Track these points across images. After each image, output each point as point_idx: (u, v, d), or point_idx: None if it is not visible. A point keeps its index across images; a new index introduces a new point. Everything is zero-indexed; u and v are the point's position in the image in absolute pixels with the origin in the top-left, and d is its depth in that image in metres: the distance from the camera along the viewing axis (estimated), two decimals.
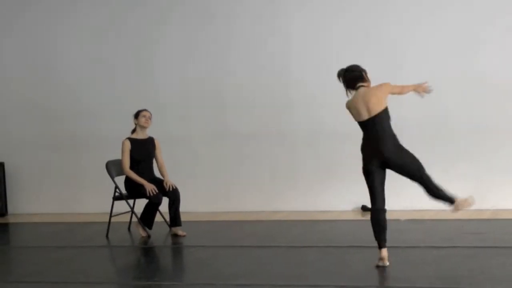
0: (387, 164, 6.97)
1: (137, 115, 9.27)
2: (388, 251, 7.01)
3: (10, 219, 11.31)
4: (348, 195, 10.40)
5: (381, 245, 6.95)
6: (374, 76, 10.25)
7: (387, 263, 6.93)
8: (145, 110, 9.30)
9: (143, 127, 9.25)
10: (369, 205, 10.25)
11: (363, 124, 7.07)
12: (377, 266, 6.94)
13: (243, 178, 10.90)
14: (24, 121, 11.64)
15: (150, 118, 9.28)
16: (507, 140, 9.88)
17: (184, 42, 11.02)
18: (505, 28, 9.90)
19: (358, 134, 8.73)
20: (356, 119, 7.11)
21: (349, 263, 7.29)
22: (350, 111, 7.15)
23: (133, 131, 9.31)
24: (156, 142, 9.38)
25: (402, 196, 10.03)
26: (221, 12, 10.91)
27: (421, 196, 10.25)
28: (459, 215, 9.53)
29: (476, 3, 10.01)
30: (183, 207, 9.21)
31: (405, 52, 10.23)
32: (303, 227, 9.47)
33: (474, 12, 10.01)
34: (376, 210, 7.02)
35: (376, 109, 6.97)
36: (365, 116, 7.00)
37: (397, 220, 9.29)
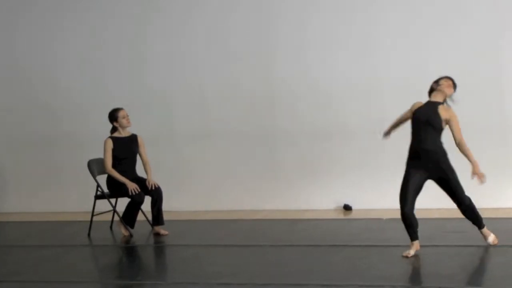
0: None
1: (115, 118, 9.20)
2: (370, 250, 7.04)
3: None
4: (330, 194, 10.44)
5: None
6: (356, 76, 10.38)
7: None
8: (121, 109, 9.23)
9: (126, 127, 9.23)
10: (350, 204, 10.37)
11: None
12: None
13: (225, 177, 10.91)
14: (7, 120, 11.59)
15: (128, 115, 9.25)
16: (491, 140, 9.93)
17: (168, 41, 11.01)
18: (485, 24, 9.95)
19: (339, 134, 8.77)
20: None
21: (330, 262, 7.31)
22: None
23: (114, 129, 9.26)
24: (139, 139, 9.34)
25: (385, 195, 10.09)
26: (205, 13, 10.90)
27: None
28: (441, 214, 9.61)
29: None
30: (165, 206, 9.20)
31: (389, 52, 10.25)
32: (285, 226, 9.48)
33: (455, 12, 10.07)
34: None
35: None
36: None
37: (379, 219, 9.32)
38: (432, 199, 10.08)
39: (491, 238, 7.59)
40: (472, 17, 9.99)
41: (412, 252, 7.32)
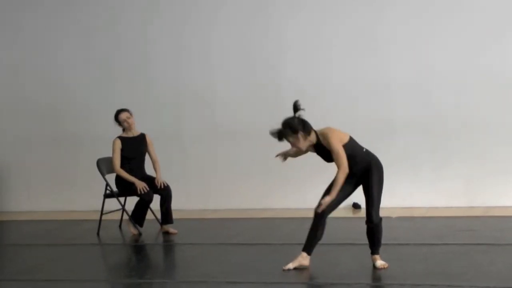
0: None
1: (117, 120, 9.22)
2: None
3: (1, 217, 11.27)
4: None
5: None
6: (363, 76, 10.36)
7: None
8: (123, 112, 9.21)
9: (127, 129, 9.22)
10: (360, 203, 10.34)
11: None
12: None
13: (234, 176, 10.90)
14: (15, 119, 11.61)
15: (130, 117, 9.22)
16: (498, 138, 9.90)
17: (177, 41, 11.01)
18: (492, 21, 9.91)
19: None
20: None
21: (339, 260, 7.30)
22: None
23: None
24: (147, 138, 9.35)
25: (393, 194, 10.07)
26: (212, 11, 10.90)
27: (411, 194, 10.33)
28: (450, 212, 9.59)
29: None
30: (174, 205, 9.20)
31: (394, 52, 10.22)
32: (294, 224, 9.47)
33: (462, 10, 10.05)
34: None
35: None
36: None
37: (388, 218, 9.30)
38: (441, 198, 10.11)
39: (379, 262, 6.97)
40: (480, 14, 9.96)
41: (293, 265, 6.96)
